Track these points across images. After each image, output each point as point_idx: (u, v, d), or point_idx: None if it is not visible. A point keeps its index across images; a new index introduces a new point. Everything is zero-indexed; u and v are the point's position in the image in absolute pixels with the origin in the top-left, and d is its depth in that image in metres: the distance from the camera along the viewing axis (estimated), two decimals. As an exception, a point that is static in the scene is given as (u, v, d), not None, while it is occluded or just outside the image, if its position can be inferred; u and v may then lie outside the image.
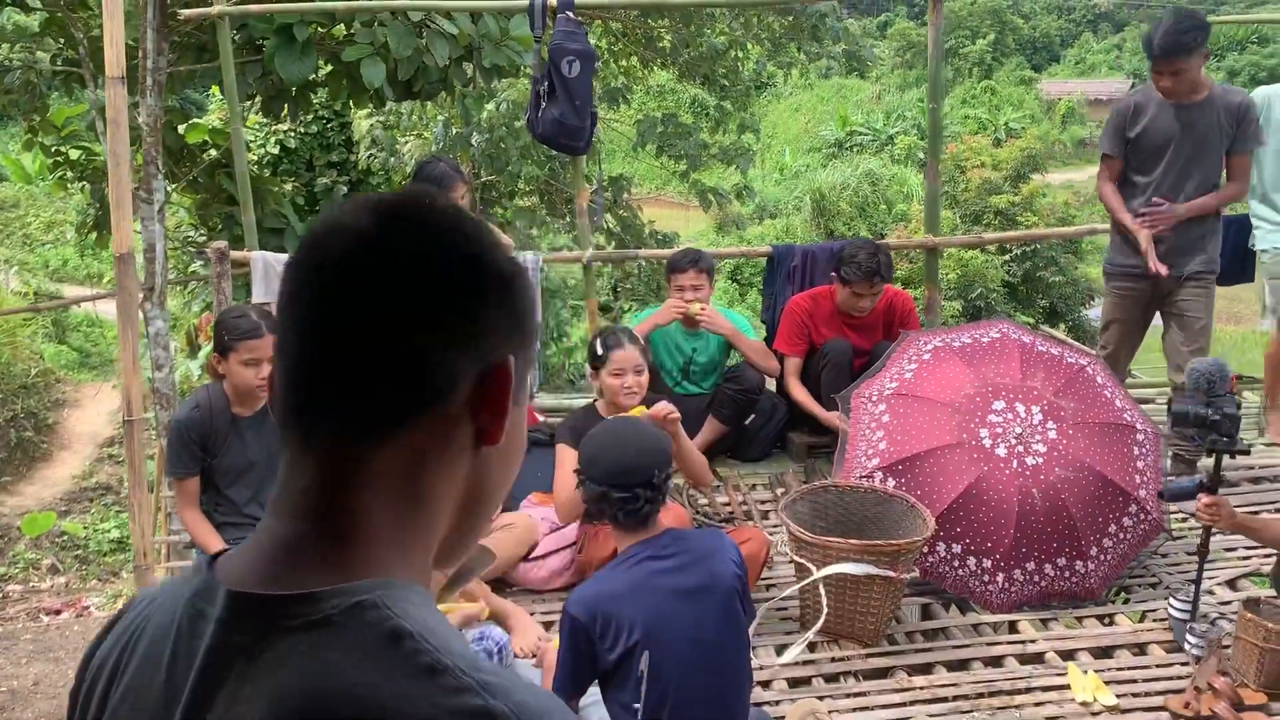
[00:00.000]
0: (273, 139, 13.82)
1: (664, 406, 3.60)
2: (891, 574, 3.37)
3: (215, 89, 11.79)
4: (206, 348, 7.89)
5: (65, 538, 10.09)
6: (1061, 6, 41.24)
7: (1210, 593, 3.74)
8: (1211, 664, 3.23)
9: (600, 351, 3.72)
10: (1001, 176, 16.53)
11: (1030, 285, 15.80)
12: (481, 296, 0.80)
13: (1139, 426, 3.80)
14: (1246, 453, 3.32)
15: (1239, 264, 4.80)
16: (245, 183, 4.90)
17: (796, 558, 3.48)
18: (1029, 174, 16.97)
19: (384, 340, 0.76)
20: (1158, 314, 4.60)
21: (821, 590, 3.36)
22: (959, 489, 3.61)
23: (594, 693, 2.82)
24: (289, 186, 13.19)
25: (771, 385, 4.84)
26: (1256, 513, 4.17)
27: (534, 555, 3.75)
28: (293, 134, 13.90)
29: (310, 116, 13.95)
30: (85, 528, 10.27)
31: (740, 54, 13.81)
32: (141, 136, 6.26)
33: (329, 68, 6.88)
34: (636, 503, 2.61)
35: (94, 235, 7.74)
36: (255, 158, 13.75)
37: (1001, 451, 3.66)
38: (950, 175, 17.00)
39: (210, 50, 6.60)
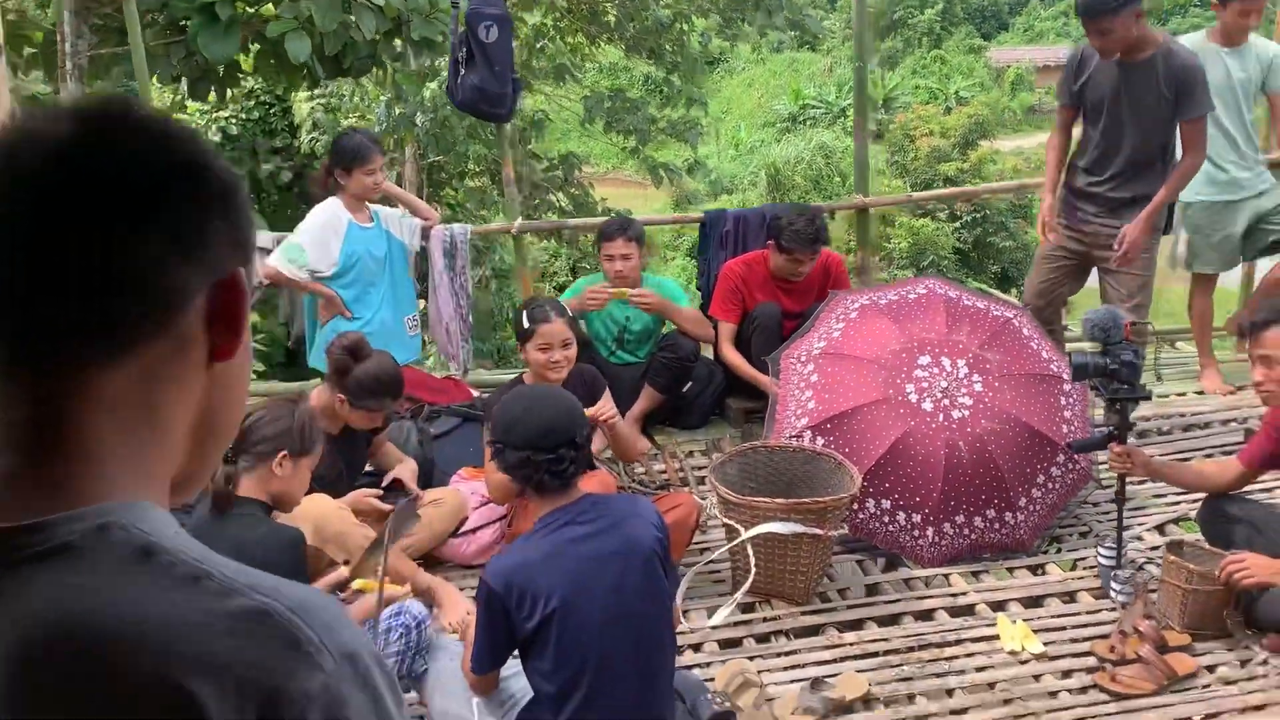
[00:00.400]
0: (214, 126, 13.58)
1: (605, 409, 3.62)
2: (819, 532, 3.35)
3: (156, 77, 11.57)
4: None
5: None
6: (1010, -26, 41.43)
7: (1139, 539, 3.77)
8: (1137, 608, 3.25)
9: (526, 324, 3.65)
10: (950, 144, 16.62)
11: (981, 251, 15.91)
12: (204, 205, 0.75)
13: (1066, 377, 3.81)
14: (1148, 398, 3.33)
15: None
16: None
17: (725, 519, 3.46)
18: (977, 140, 17.06)
19: (100, 253, 0.71)
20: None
21: (749, 551, 3.35)
22: (886, 445, 3.60)
23: (515, 664, 2.79)
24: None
25: (708, 352, 4.81)
26: (1188, 459, 4.21)
27: (463, 530, 3.70)
28: (234, 121, 13.67)
29: (252, 102, 13.75)
30: None
31: (686, 27, 13.73)
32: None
33: (256, 47, 6.74)
34: (561, 464, 2.56)
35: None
36: (197, 146, 13.52)
37: (928, 406, 3.65)
38: (900, 144, 17.05)
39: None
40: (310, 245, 4.19)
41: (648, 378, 4.60)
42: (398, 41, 6.64)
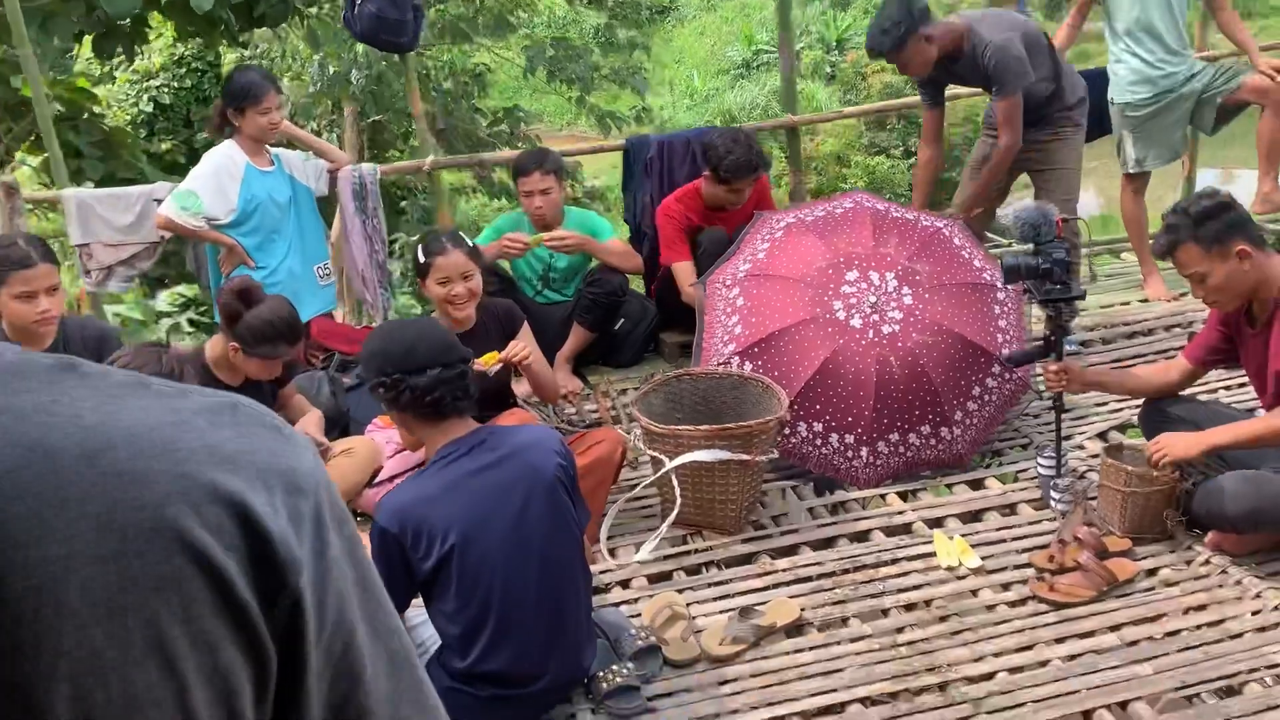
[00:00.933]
0: (145, 96, 13.19)
1: (516, 347, 3.38)
2: (746, 458, 3.21)
3: (85, 44, 11.17)
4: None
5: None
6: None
7: (1081, 448, 3.66)
8: (1077, 515, 3.13)
9: (422, 258, 3.44)
10: (903, 80, 16.36)
11: (939, 188, 15.72)
12: None
13: (999, 284, 3.66)
14: (1082, 297, 3.20)
15: (1098, 118, 4.68)
16: (45, 116, 4.50)
17: (650, 451, 3.31)
18: (930, 75, 16.79)
19: None
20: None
21: (675, 481, 3.20)
22: (815, 365, 3.45)
23: (421, 612, 2.64)
24: (166, 145, 12.62)
25: (636, 286, 4.64)
26: (1133, 365, 4.09)
27: (379, 480, 3.53)
28: (166, 90, 13.28)
29: (184, 70, 13.36)
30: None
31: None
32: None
33: (165, 1, 6.43)
34: (435, 388, 2.41)
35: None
36: (130, 116, 13.11)
37: (856, 323, 3.50)
38: (852, 83, 16.79)
39: (29, -9, 6.13)
40: (204, 191, 3.97)
41: (575, 315, 4.43)
42: (311, -13, 6.37)
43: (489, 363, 3.24)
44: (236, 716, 0.56)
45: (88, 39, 6.67)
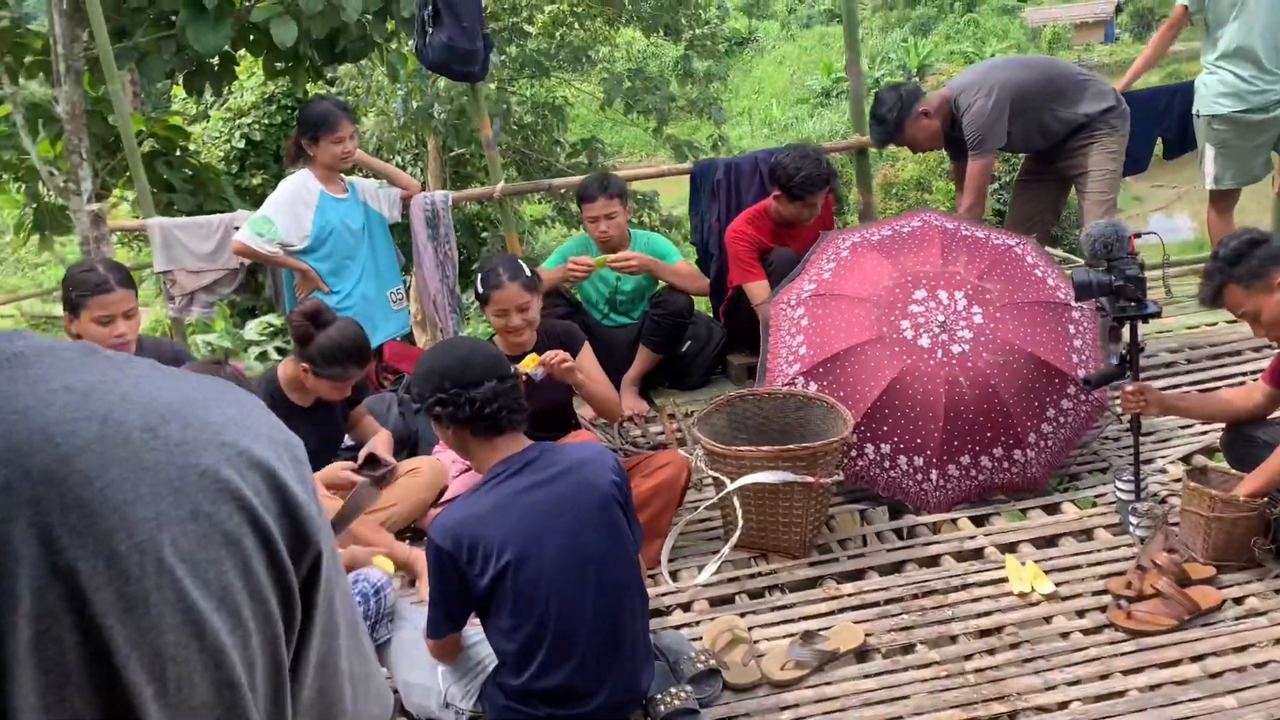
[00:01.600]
0: (238, 133, 13.65)
1: (554, 354, 3.34)
2: (810, 480, 3.15)
3: (177, 89, 11.64)
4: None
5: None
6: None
7: (1163, 471, 3.51)
8: (1158, 541, 3.01)
9: (481, 290, 3.46)
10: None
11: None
12: None
13: (1075, 303, 3.56)
14: (1158, 315, 3.09)
15: (1181, 133, 4.54)
16: (133, 150, 4.69)
17: (711, 472, 3.27)
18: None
19: None
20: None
21: (736, 503, 3.16)
22: (882, 385, 3.38)
23: (478, 631, 2.65)
24: (257, 180, 13.02)
25: (702, 307, 4.62)
26: (1216, 388, 3.93)
27: (444, 499, 3.56)
28: (257, 127, 13.72)
29: (274, 107, 13.79)
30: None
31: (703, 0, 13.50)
32: (62, 127, 6.07)
33: (251, 39, 6.66)
34: (490, 402, 2.43)
35: (35, 238, 7.57)
36: (223, 152, 13.59)
37: (925, 342, 3.43)
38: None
39: (129, 33, 6.41)
40: (278, 217, 4.07)
41: (642, 337, 4.42)
42: (390, 23, 6.52)
43: (529, 366, 3.19)
44: (279, 661, 0.62)
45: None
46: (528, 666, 2.41)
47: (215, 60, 6.66)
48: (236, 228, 4.26)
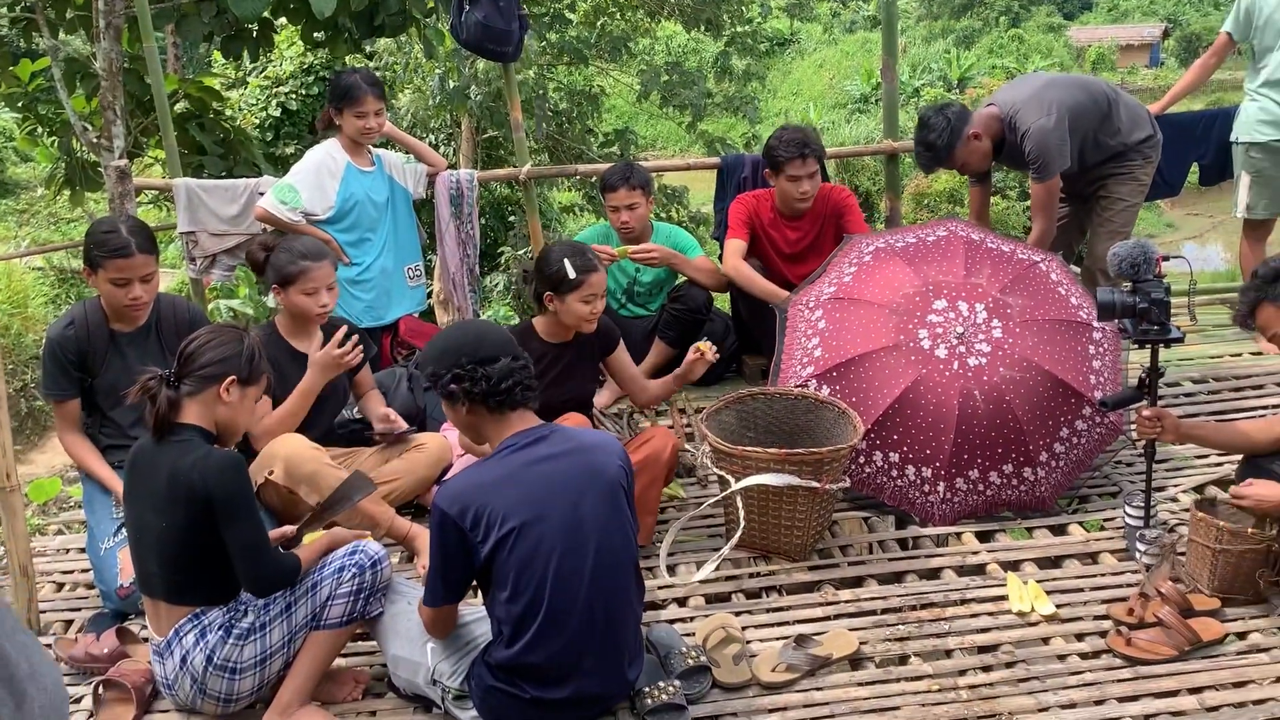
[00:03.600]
0: (274, 102, 13.70)
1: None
2: (815, 485, 3.12)
3: (218, 54, 11.66)
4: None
5: (74, 501, 10.09)
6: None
7: (1175, 500, 3.47)
8: (1163, 569, 2.97)
9: (573, 275, 3.42)
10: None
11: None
12: None
13: (1096, 324, 3.51)
14: (1180, 340, 3.03)
15: (1221, 161, 4.48)
16: (164, 109, 4.71)
17: (716, 469, 3.25)
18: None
19: None
20: None
21: (739, 503, 3.13)
22: (895, 393, 3.35)
23: (478, 610, 2.64)
24: (291, 149, 13.07)
25: (720, 304, 4.59)
26: (1235, 419, 3.87)
27: (448, 476, 3.55)
28: (294, 96, 13.77)
29: (311, 78, 13.83)
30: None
31: (745, -3, 13.43)
32: (99, 83, 6.09)
33: (291, 6, 6.67)
34: (506, 377, 2.44)
35: (67, 192, 7.61)
36: (258, 121, 13.64)
37: (941, 353, 3.39)
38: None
39: (167, -8, 6.43)
40: (303, 186, 4.07)
41: (658, 331, 4.41)
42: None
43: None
44: None
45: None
46: (521, 637, 2.39)
47: (254, 26, 6.69)
48: (262, 193, 4.26)
